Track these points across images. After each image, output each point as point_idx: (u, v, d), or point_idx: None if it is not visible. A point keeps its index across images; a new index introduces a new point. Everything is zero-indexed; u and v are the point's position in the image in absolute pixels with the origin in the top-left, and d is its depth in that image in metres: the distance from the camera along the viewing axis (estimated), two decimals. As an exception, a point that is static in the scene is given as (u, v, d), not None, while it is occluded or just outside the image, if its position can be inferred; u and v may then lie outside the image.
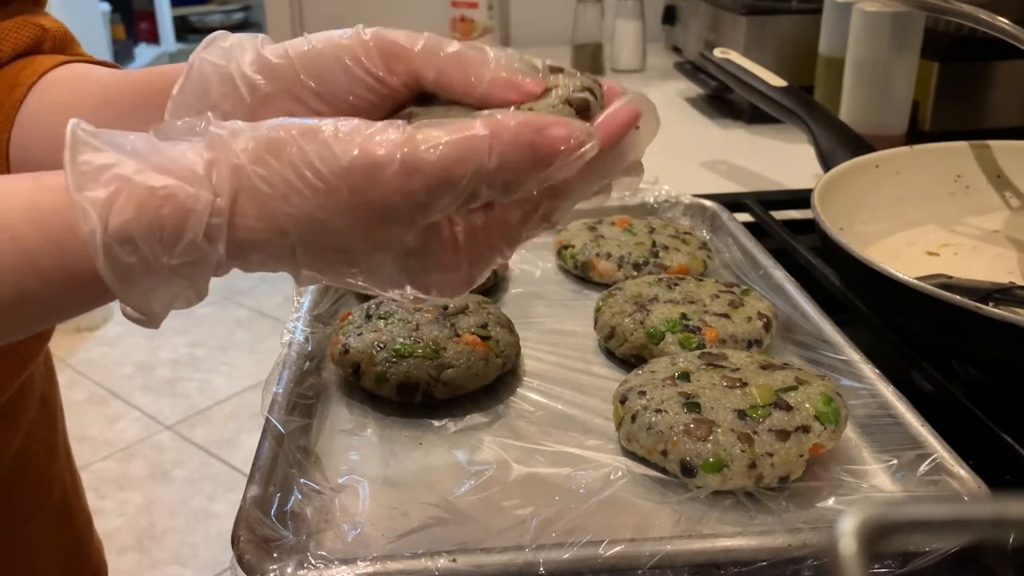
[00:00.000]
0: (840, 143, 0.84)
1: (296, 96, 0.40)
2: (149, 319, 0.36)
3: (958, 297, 0.55)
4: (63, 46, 0.58)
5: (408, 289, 0.39)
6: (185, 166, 0.34)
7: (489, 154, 0.34)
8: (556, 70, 0.39)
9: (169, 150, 0.35)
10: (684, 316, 0.60)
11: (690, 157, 1.10)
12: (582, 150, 0.36)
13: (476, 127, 0.34)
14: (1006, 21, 0.76)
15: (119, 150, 0.34)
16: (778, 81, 0.93)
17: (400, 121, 0.35)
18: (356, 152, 0.34)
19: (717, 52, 1.02)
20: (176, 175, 0.34)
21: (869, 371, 0.55)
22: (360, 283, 0.38)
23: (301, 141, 0.35)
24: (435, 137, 0.34)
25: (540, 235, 0.40)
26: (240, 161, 0.34)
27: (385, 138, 0.34)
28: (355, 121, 0.35)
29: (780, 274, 0.68)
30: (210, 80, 0.42)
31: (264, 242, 0.35)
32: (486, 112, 0.36)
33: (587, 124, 0.37)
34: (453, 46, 0.39)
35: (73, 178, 0.33)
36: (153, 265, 0.34)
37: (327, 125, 0.35)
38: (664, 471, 0.49)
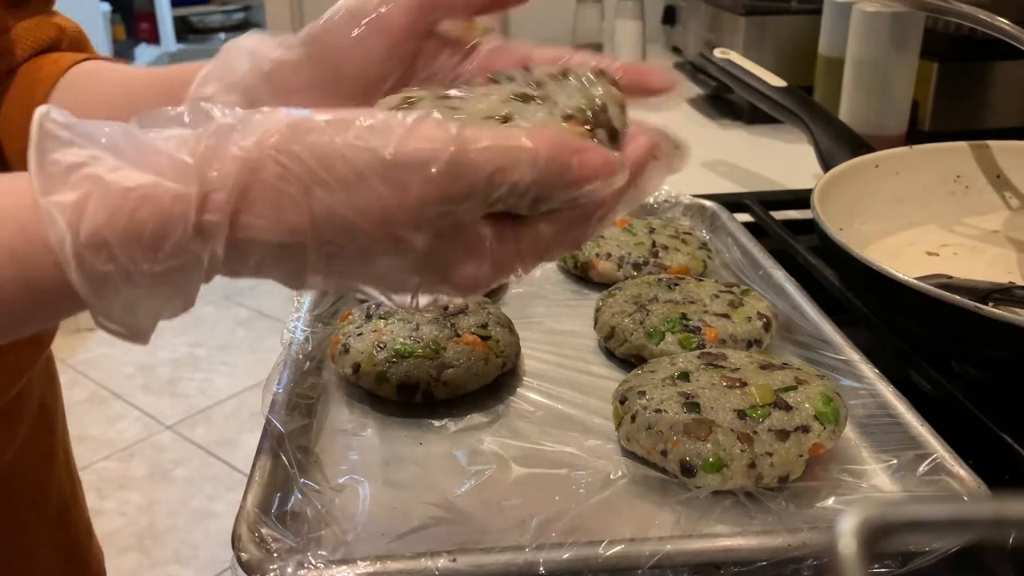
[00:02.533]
0: (840, 143, 0.84)
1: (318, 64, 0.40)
2: (134, 334, 0.33)
3: (958, 297, 0.55)
4: (80, 46, 0.59)
5: (411, 299, 0.37)
6: (168, 156, 0.31)
7: (532, 166, 0.33)
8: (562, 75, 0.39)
9: (150, 140, 0.32)
10: (684, 316, 0.60)
11: (690, 157, 1.09)
12: (612, 179, 0.35)
13: (522, 138, 0.33)
14: (1006, 21, 0.76)
15: (94, 143, 0.31)
16: (778, 81, 0.93)
17: (436, 115, 0.33)
18: (400, 145, 0.32)
19: (717, 52, 1.02)
20: (157, 170, 0.31)
21: (869, 371, 0.55)
22: (368, 288, 0.36)
23: (331, 131, 0.32)
24: (483, 141, 0.33)
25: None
26: (248, 153, 0.31)
27: (432, 134, 0.32)
28: (388, 113, 0.33)
29: (780, 274, 0.68)
30: (234, 58, 0.41)
31: (271, 243, 0.32)
32: (526, 124, 0.35)
33: (620, 156, 0.36)
34: None
35: (39, 181, 0.30)
36: (133, 274, 0.31)
37: (360, 115, 0.33)
38: (664, 471, 0.49)
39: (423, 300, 0.38)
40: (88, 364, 2.46)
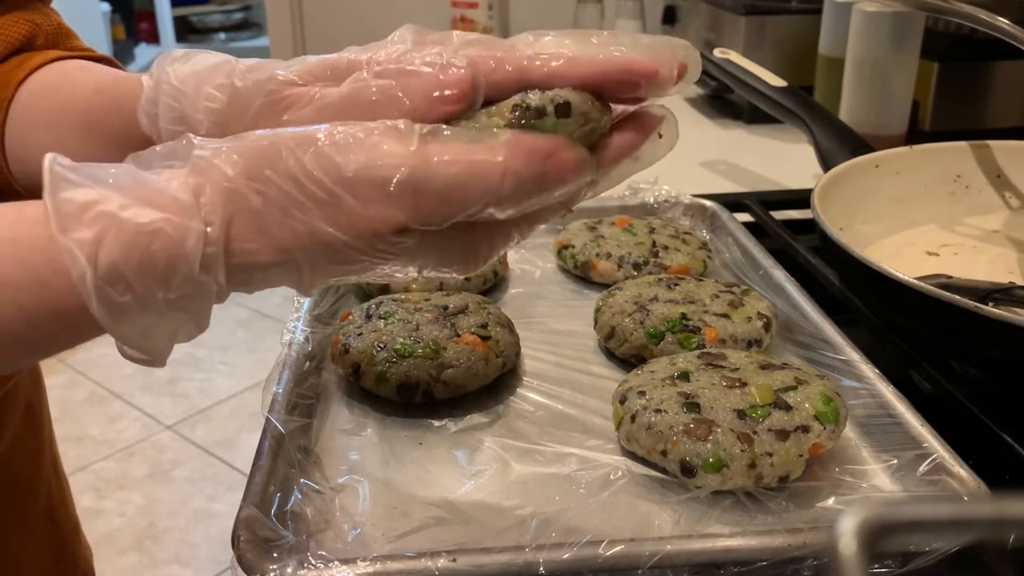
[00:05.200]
0: (840, 143, 0.84)
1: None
2: (153, 358, 0.35)
3: (958, 297, 0.55)
4: (56, 40, 0.56)
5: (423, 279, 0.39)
6: (171, 196, 0.33)
7: (500, 183, 0.34)
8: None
9: (153, 180, 0.34)
10: (684, 316, 0.60)
11: (690, 157, 1.10)
12: (585, 180, 0.36)
13: (493, 151, 0.34)
14: (1006, 21, 0.76)
15: (101, 184, 0.33)
16: (778, 81, 0.93)
17: (402, 124, 0.34)
18: (361, 161, 0.33)
19: (717, 52, 1.02)
20: (163, 207, 0.33)
21: (869, 371, 0.55)
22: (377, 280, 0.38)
23: (297, 151, 0.33)
24: (446, 155, 0.33)
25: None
26: (231, 183, 0.33)
27: (392, 149, 0.33)
28: (354, 126, 0.34)
29: (780, 274, 0.68)
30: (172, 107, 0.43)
31: (266, 264, 0.34)
32: (504, 136, 0.35)
33: (587, 153, 0.36)
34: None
35: (56, 220, 0.32)
36: (149, 302, 0.33)
37: (321, 131, 0.34)
38: (664, 471, 0.49)
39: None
40: (88, 364, 2.46)
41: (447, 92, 0.36)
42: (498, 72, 0.37)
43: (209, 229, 0.33)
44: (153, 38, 4.94)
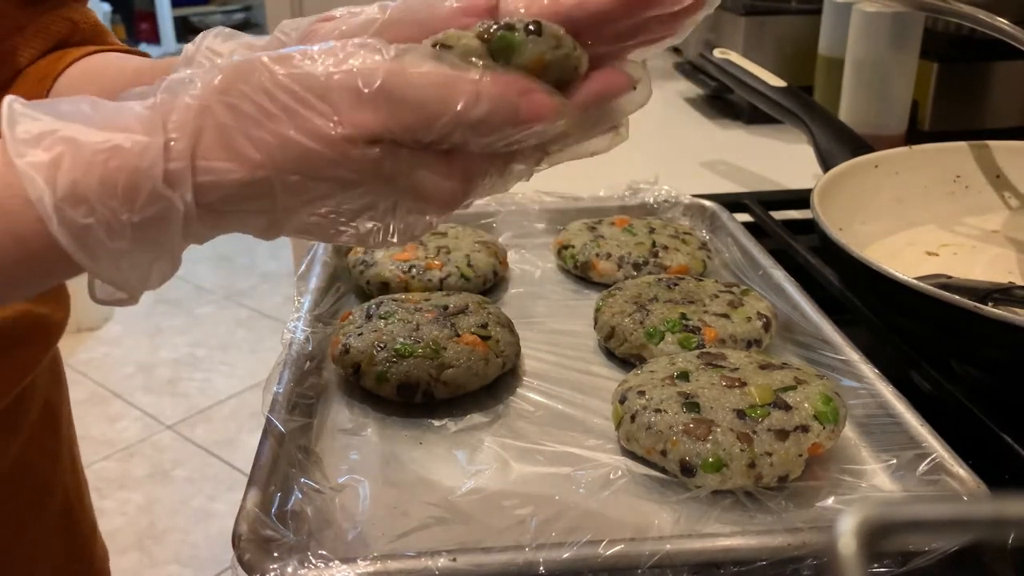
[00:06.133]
0: (839, 143, 0.84)
1: None
2: (127, 294, 0.34)
3: (957, 297, 0.55)
4: (93, 38, 0.59)
5: (392, 228, 0.37)
6: (132, 116, 0.33)
7: (475, 101, 0.33)
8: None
9: (114, 106, 0.34)
10: (684, 316, 0.60)
11: (690, 157, 1.10)
12: (556, 123, 0.35)
13: (470, 70, 0.33)
14: (1005, 21, 0.76)
15: (59, 116, 0.33)
16: (778, 81, 0.93)
17: (374, 41, 0.34)
18: (335, 69, 0.33)
19: (717, 52, 1.02)
20: (123, 128, 0.32)
21: (869, 371, 0.55)
22: (347, 228, 0.36)
23: (272, 66, 0.33)
24: (424, 67, 0.33)
25: (528, 178, 0.39)
26: (201, 100, 0.33)
27: (367, 57, 0.33)
28: (330, 45, 0.34)
29: (780, 274, 0.68)
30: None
31: (236, 183, 0.33)
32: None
33: (564, 99, 0.35)
34: None
35: (13, 147, 0.31)
36: (113, 224, 0.32)
37: (297, 49, 0.34)
38: (664, 471, 0.49)
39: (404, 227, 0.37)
40: (88, 364, 2.46)
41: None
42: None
43: (173, 143, 0.32)
44: (153, 38, 4.94)
